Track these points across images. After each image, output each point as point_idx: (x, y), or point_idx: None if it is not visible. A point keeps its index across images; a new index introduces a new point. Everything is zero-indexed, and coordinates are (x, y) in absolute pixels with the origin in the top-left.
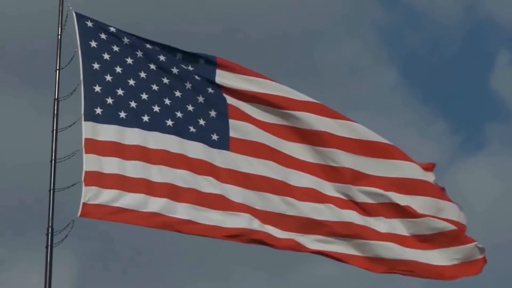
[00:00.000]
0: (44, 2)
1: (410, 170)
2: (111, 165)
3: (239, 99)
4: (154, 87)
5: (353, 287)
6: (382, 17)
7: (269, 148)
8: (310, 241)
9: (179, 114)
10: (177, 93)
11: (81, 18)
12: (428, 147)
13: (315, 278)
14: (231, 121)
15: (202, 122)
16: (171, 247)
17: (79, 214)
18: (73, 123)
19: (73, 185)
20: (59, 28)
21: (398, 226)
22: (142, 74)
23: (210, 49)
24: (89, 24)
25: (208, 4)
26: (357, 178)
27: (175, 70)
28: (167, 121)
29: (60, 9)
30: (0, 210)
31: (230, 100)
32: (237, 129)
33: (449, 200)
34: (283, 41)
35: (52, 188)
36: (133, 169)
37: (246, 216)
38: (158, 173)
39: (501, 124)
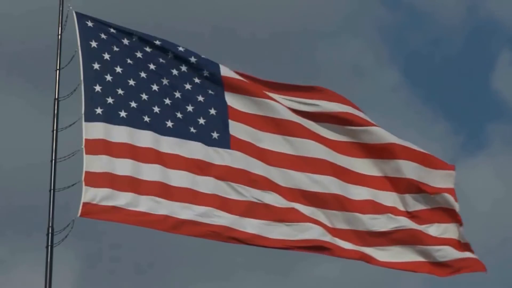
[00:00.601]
0: (44, 2)
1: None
2: (112, 165)
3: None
4: (154, 87)
5: (354, 286)
6: (384, 17)
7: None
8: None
9: (179, 115)
10: (177, 94)
11: (82, 18)
12: (430, 147)
13: (316, 278)
14: (231, 123)
15: (201, 121)
16: (172, 247)
17: (79, 214)
18: (73, 123)
19: (73, 185)
20: (59, 28)
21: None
22: (142, 74)
23: (212, 49)
24: (90, 24)
25: (210, 3)
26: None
27: (175, 72)
28: (167, 122)
29: (60, 9)
30: (1, 210)
31: (237, 104)
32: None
33: None
34: (284, 41)
35: (52, 188)
36: (122, 166)
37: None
38: (151, 172)
39: (502, 124)
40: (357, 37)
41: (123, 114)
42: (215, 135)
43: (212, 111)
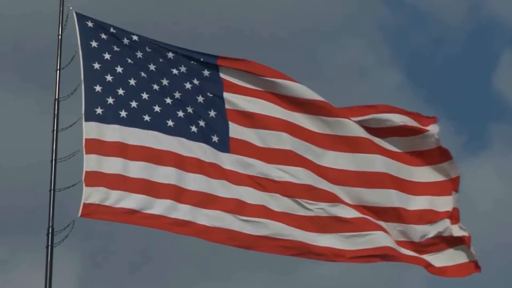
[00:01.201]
0: (44, 2)
1: None
2: (112, 165)
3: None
4: (155, 87)
5: (358, 286)
6: (386, 17)
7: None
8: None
9: (180, 114)
10: (177, 94)
11: (82, 18)
12: None
13: (319, 278)
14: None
15: (202, 123)
16: (174, 247)
17: (79, 214)
18: (74, 123)
19: (73, 185)
20: (60, 28)
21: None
22: (143, 74)
23: (212, 49)
24: (90, 24)
25: (212, 3)
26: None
27: (175, 71)
28: (167, 121)
29: (61, 9)
30: (3, 210)
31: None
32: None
33: None
34: (287, 41)
35: (52, 188)
36: (137, 169)
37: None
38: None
39: (504, 124)
40: (360, 37)
41: (123, 114)
42: (215, 138)
43: (212, 113)
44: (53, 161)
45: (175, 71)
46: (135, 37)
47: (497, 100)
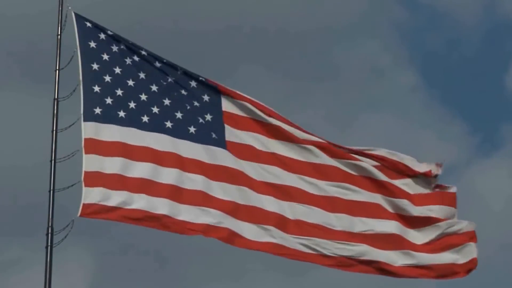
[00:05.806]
0: (43, 2)
1: None
2: (111, 164)
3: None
4: (154, 87)
5: (370, 287)
6: (402, 17)
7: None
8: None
9: (178, 115)
10: (176, 94)
11: (80, 19)
12: (447, 148)
13: (332, 280)
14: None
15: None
16: (186, 246)
17: (79, 214)
18: (73, 123)
19: (73, 185)
20: (59, 28)
21: None
22: (141, 75)
23: (226, 49)
24: (88, 24)
25: (226, 2)
26: None
27: (172, 73)
28: (166, 123)
29: (60, 9)
30: (3, 210)
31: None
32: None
33: None
34: (302, 41)
35: (52, 188)
36: (137, 169)
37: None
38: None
39: None
40: (375, 37)
41: (122, 114)
42: (214, 135)
43: (208, 117)
44: (53, 161)
45: (172, 74)
46: (131, 44)
47: (511, 101)
